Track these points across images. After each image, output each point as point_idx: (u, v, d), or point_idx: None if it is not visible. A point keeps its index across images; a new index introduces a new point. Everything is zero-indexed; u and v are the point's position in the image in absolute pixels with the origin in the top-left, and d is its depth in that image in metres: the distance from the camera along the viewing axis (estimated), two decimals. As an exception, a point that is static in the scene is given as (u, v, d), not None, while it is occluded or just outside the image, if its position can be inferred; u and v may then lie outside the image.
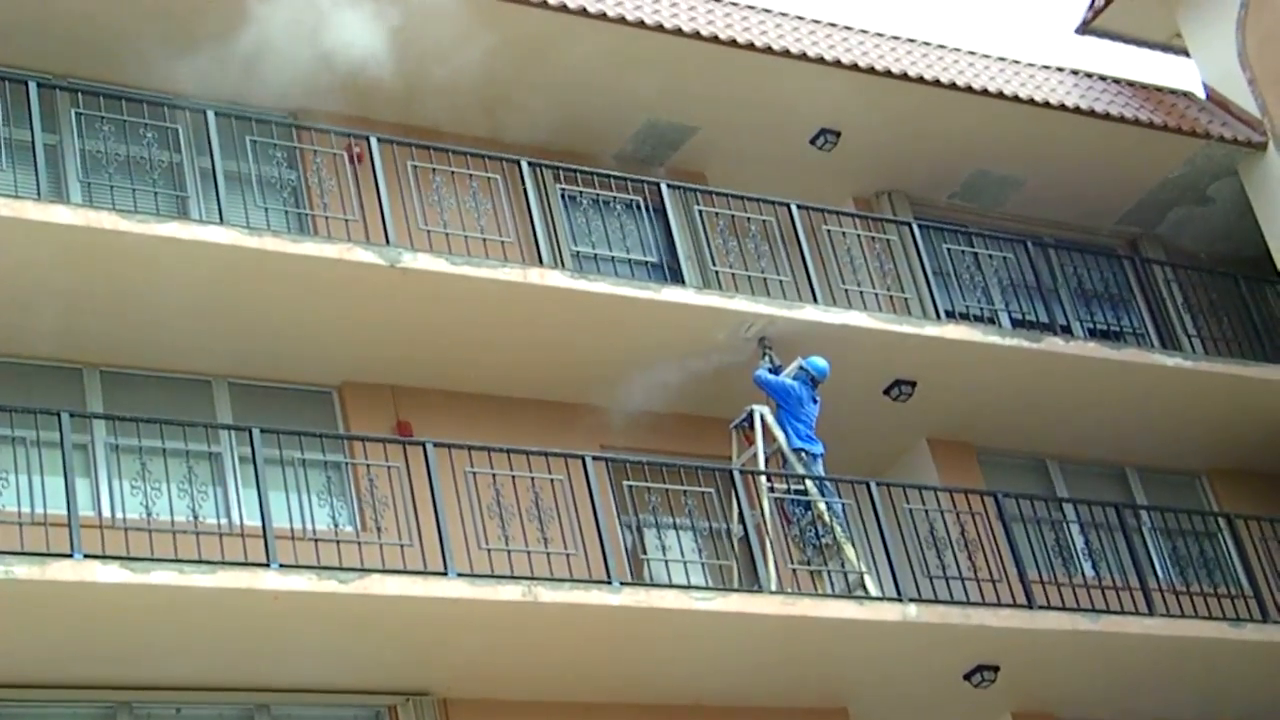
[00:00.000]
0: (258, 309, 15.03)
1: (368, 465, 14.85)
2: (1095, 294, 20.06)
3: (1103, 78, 21.08)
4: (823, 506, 16.07)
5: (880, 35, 19.61)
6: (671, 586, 14.94)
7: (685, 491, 15.76)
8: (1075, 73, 20.90)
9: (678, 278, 17.52)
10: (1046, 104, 19.75)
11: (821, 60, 18.32)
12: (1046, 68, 20.73)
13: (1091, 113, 20.01)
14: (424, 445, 14.54)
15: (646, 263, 17.78)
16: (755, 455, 16.38)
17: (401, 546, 14.32)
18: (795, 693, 16.03)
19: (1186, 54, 22.25)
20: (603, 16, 17.18)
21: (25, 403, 13.68)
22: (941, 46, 20.08)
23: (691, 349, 16.61)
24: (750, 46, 17.97)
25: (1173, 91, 21.62)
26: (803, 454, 16.31)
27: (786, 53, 18.14)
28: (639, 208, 17.42)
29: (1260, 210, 20.92)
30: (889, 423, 18.11)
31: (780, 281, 17.58)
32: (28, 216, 13.77)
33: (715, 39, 17.76)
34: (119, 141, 15.12)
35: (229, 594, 13.09)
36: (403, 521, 14.45)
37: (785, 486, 16.19)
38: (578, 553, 14.94)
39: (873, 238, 18.60)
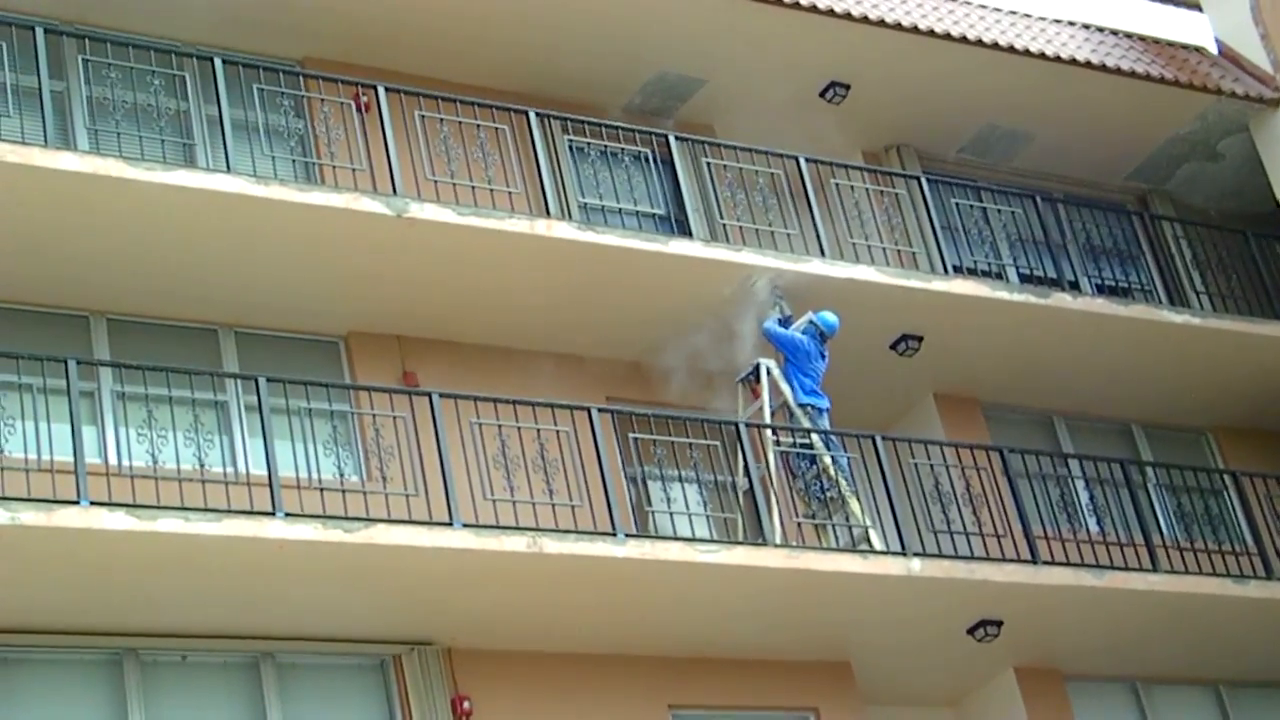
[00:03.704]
0: (264, 258, 15.01)
1: (374, 415, 14.85)
2: (1103, 250, 20.01)
3: (1114, 32, 20.98)
4: (828, 460, 16.08)
5: (891, -13, 19.52)
6: (676, 539, 14.96)
7: (691, 444, 15.77)
8: (1087, 27, 20.80)
9: (685, 230, 17.51)
10: (1057, 58, 19.66)
11: (832, 12, 18.23)
12: (1058, 22, 20.63)
13: (1103, 67, 19.92)
14: (430, 395, 14.55)
15: (654, 215, 17.75)
16: (761, 408, 16.38)
17: (407, 496, 14.33)
18: (798, 646, 16.07)
19: (1199, 8, 22.13)
20: (612, -33, 17.15)
21: (32, 350, 13.66)
22: (953, -1, 20.02)
23: (698, 302, 16.57)
24: (760, -2, 17.90)
25: (1184, 46, 21.52)
26: (808, 408, 16.30)
27: (796, 4, 18.04)
28: (647, 160, 17.37)
29: (1271, 167, 20.83)
30: (895, 377, 18.10)
31: (788, 235, 17.54)
32: (34, 163, 13.75)
33: (725, -10, 17.70)
34: (126, 89, 15.08)
35: (234, 542, 13.11)
36: (408, 472, 14.46)
37: (791, 440, 16.20)
38: (583, 504, 14.96)
39: (881, 191, 18.55)
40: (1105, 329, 18.46)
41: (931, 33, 18.82)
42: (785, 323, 16.59)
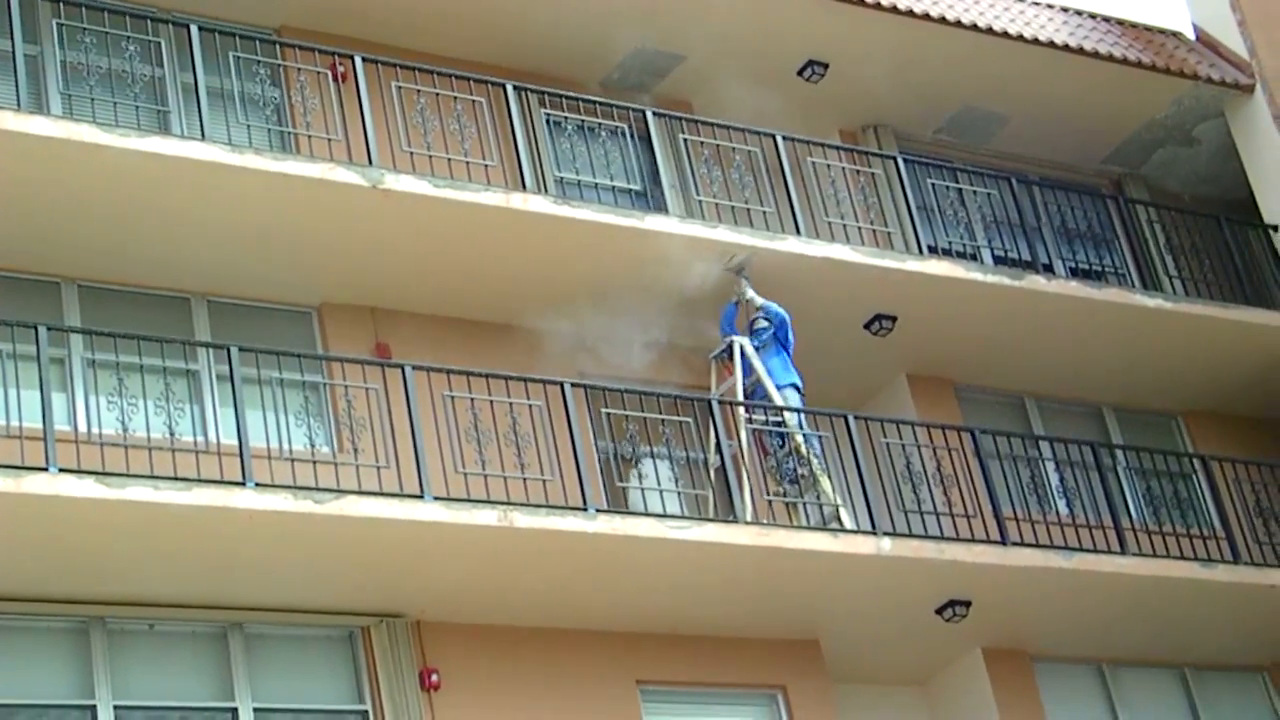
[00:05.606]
0: (238, 227, 14.95)
1: (346, 386, 14.81)
2: (1078, 233, 20.05)
3: (1092, 15, 21.00)
4: (800, 439, 16.09)
5: (870, -33, 19.47)
6: (647, 515, 14.96)
7: (663, 420, 15.76)
8: (1065, 10, 20.81)
9: (661, 206, 17.47)
10: (1035, 40, 19.68)
11: (811, -10, 18.22)
12: (1036, 4, 20.64)
13: (1080, 50, 19.94)
14: (403, 368, 14.52)
15: (630, 190, 17.72)
16: (734, 386, 16.38)
17: (378, 469, 14.32)
18: (767, 623, 16.09)
19: (1177, -6, 22.19)
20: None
21: (2, 315, 13.59)
22: (932, -20, 19.97)
23: (673, 278, 16.55)
24: (739, -26, 17.87)
25: (1162, 31, 21.55)
26: (795, 387, 16.36)
27: (776, -18, 18.04)
28: (624, 135, 17.34)
29: (1245, 153, 20.90)
30: (868, 357, 18.11)
31: (764, 213, 17.52)
32: (6, 127, 13.67)
33: (704, -34, 17.66)
34: (100, 54, 14.98)
35: (204, 512, 13.07)
36: (380, 443, 14.43)
37: (763, 418, 16.20)
38: (554, 479, 14.95)
39: (857, 171, 18.54)
40: (1078, 312, 18.49)
41: (910, 13, 18.81)
42: (736, 305, 16.58)
